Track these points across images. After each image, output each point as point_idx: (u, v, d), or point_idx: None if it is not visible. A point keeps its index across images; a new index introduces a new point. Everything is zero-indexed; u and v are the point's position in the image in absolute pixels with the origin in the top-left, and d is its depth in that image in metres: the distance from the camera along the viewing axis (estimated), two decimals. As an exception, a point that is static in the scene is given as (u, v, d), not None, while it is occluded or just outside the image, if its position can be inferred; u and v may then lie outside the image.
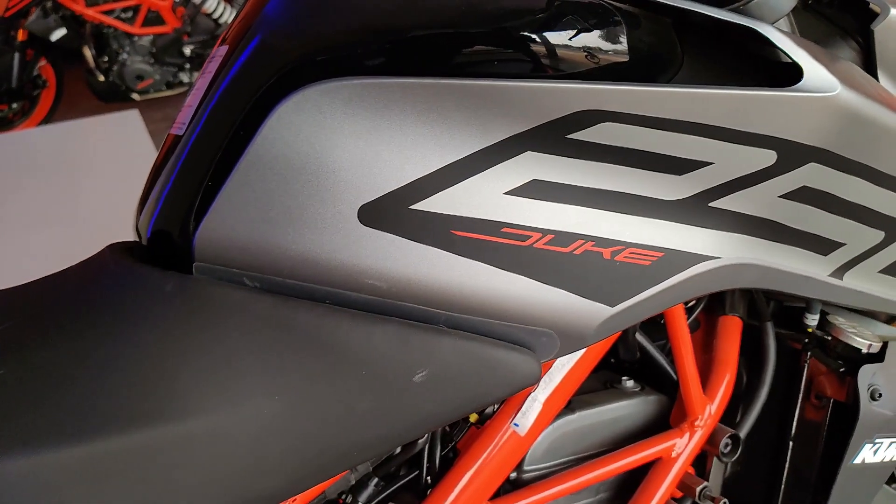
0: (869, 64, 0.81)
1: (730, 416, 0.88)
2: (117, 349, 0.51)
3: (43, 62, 4.21)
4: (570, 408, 0.79)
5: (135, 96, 4.25)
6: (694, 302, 0.89)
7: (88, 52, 4.26)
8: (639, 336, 0.87)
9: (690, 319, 0.89)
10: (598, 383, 0.87)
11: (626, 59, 0.60)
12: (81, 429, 0.47)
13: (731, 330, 0.87)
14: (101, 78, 4.26)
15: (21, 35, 3.98)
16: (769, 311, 0.91)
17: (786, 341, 0.88)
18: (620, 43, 0.61)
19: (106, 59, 4.25)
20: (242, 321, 0.54)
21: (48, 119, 4.22)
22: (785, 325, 0.90)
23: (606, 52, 0.60)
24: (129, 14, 4.20)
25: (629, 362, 0.90)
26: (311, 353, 0.55)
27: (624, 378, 0.86)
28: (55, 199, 2.41)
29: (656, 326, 0.89)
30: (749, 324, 0.90)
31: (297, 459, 0.56)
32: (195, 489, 0.51)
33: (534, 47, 0.58)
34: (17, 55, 3.98)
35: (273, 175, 0.53)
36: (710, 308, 0.90)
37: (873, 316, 0.93)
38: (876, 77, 0.80)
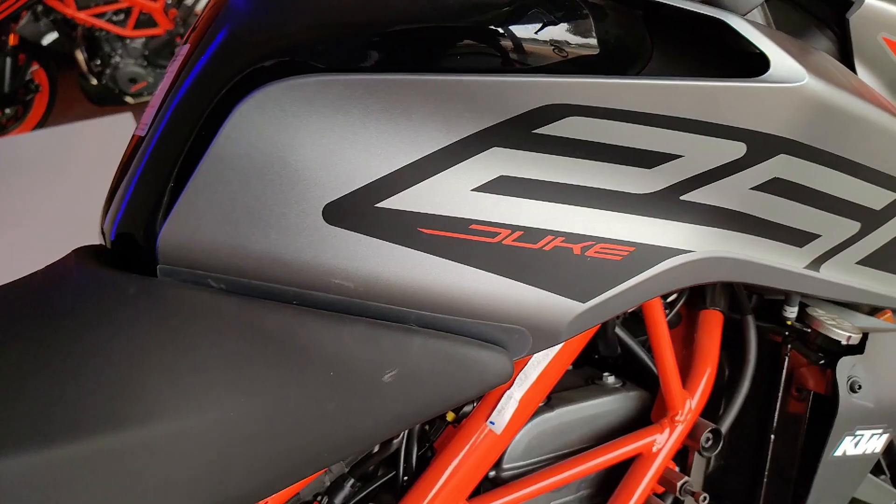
0: (846, 54, 0.80)
1: (712, 410, 0.88)
2: (78, 354, 0.50)
3: (35, 67, 4.19)
4: (549, 405, 0.78)
5: (129, 99, 4.23)
6: (674, 296, 0.88)
7: (80, 56, 4.24)
8: (619, 331, 0.86)
9: (671, 314, 0.88)
10: (580, 379, 0.87)
11: (594, 51, 0.60)
12: (40, 435, 0.46)
13: (711, 324, 0.87)
14: (94, 81, 4.24)
15: (12, 39, 3.96)
16: (750, 305, 0.91)
17: (766, 334, 0.87)
18: (588, 36, 0.60)
19: (98, 62, 4.24)
20: (207, 323, 0.54)
21: (42, 123, 4.20)
22: (766, 319, 0.89)
23: (574, 45, 0.59)
24: (121, 17, 4.18)
25: (611, 358, 0.89)
26: (278, 355, 0.55)
27: (605, 374, 0.85)
28: (50, 203, 2.40)
29: (638, 321, 0.88)
30: (730, 317, 0.89)
31: (267, 461, 0.55)
32: (161, 494, 0.51)
33: (499, 41, 0.57)
34: (8, 60, 3.96)
35: (235, 175, 0.53)
36: (691, 302, 0.90)
37: (856, 308, 0.92)
38: (853, 67, 0.80)
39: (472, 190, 0.57)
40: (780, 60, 0.58)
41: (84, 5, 4.15)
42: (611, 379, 0.85)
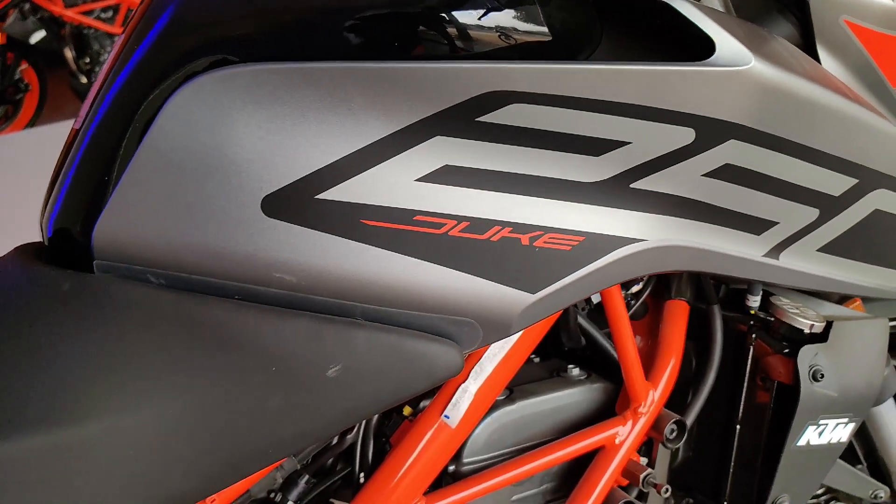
0: (808, 39, 0.79)
1: (680, 401, 0.87)
2: (8, 352, 0.49)
3: (24, 66, 4.17)
4: (509, 398, 0.77)
5: (118, 97, 4.21)
6: (640, 287, 0.87)
7: (69, 54, 4.23)
8: (585, 323, 0.85)
9: (637, 304, 0.88)
10: (545, 372, 0.86)
11: (540, 37, 0.59)
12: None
13: (676, 314, 0.86)
14: (84, 80, 4.22)
15: (0, 38, 3.95)
16: (718, 295, 0.90)
17: (732, 324, 0.87)
18: (535, 21, 0.59)
19: (87, 60, 4.22)
20: (144, 318, 0.53)
21: (33, 123, 4.18)
22: (733, 308, 0.88)
23: (520, 30, 0.58)
24: (109, 14, 4.17)
25: (579, 350, 0.88)
26: (218, 350, 0.54)
27: (570, 366, 0.85)
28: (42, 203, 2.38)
29: (603, 312, 0.87)
30: (697, 307, 0.88)
31: (208, 459, 0.54)
32: (96, 493, 0.50)
33: (440, 27, 0.56)
34: (-4, 59, 3.95)
35: (171, 168, 0.52)
36: (657, 293, 0.89)
37: (825, 296, 0.92)
38: (815, 50, 0.79)
39: (416, 180, 0.56)
40: (726, 43, 0.57)
41: (72, 3, 4.13)
42: (575, 371, 0.84)
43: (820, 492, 1.17)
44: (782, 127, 0.62)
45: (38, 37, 4.03)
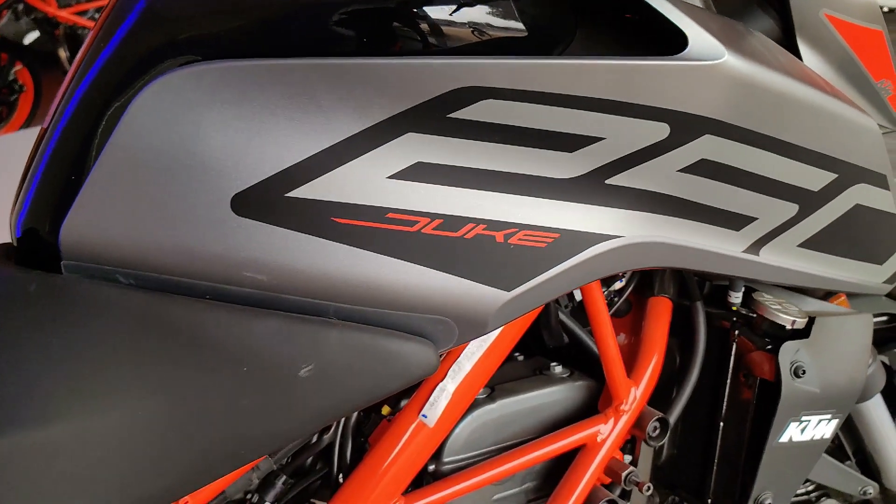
0: (789, 34, 0.78)
1: (665, 399, 0.87)
2: (-29, 354, 0.49)
3: (19, 66, 4.16)
4: (490, 396, 0.77)
5: (113, 97, 4.20)
6: (623, 284, 0.87)
7: (63, 55, 4.21)
8: (567, 320, 0.85)
9: (620, 301, 0.87)
10: (528, 370, 0.85)
11: (514, 33, 0.58)
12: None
13: (659, 311, 0.85)
14: (78, 80, 4.20)
15: (-7, 40, 3.94)
16: (702, 292, 0.89)
17: (715, 321, 0.86)
18: (508, 16, 0.59)
19: (81, 60, 4.20)
20: (113, 319, 0.52)
21: (28, 124, 4.17)
22: (717, 305, 0.88)
23: (492, 26, 0.58)
24: (103, 14, 4.15)
25: (564, 347, 0.88)
26: (188, 350, 0.53)
27: (553, 364, 0.84)
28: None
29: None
30: (680, 304, 0.88)
31: (178, 461, 0.54)
32: (63, 497, 0.49)
33: (411, 23, 0.55)
34: (-10, 61, 3.94)
35: (138, 166, 0.51)
36: (640, 290, 0.88)
37: (809, 292, 0.91)
38: (795, 46, 0.78)
39: (388, 177, 0.55)
40: (698, 38, 0.56)
41: (65, 3, 4.11)
42: (558, 369, 0.84)
43: (810, 488, 1.17)
44: (758, 121, 0.62)
45: (32, 37, 4.02)
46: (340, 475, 0.71)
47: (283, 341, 0.55)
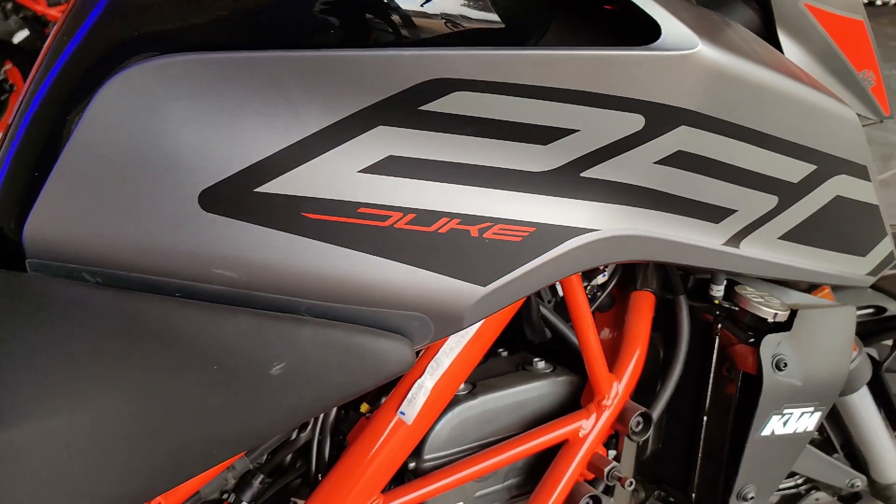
0: (770, 26, 0.78)
1: (650, 393, 0.86)
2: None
3: (8, 66, 4.12)
4: (472, 393, 0.76)
5: (102, 96, 4.17)
6: (605, 278, 0.86)
7: (52, 54, 4.17)
8: (550, 315, 0.84)
9: (603, 296, 0.86)
10: (511, 366, 0.85)
11: (488, 24, 0.58)
12: None
13: (642, 305, 0.84)
14: (67, 79, 4.17)
15: (-19, 39, 3.91)
16: (687, 286, 0.89)
17: (699, 314, 0.85)
18: (481, 7, 0.58)
19: (70, 59, 4.17)
20: (78, 318, 0.51)
21: (16, 124, 4.13)
22: (701, 299, 0.87)
23: (466, 17, 0.57)
24: (92, 12, 4.12)
25: (548, 342, 0.87)
26: (157, 349, 0.52)
27: (535, 359, 0.83)
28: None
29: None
30: (663, 298, 0.87)
31: (147, 461, 0.53)
32: (28, 499, 0.49)
33: (380, 14, 0.55)
34: (-21, 60, 3.91)
35: (103, 161, 0.50)
36: (623, 284, 0.88)
37: (793, 285, 0.91)
38: (776, 37, 0.78)
39: (360, 171, 0.54)
40: (672, 28, 0.56)
41: (55, 2, 4.07)
42: (541, 364, 0.83)
43: (799, 481, 1.17)
44: (734, 112, 0.61)
45: (21, 36, 3.98)
46: (319, 474, 0.70)
47: (255, 339, 0.54)
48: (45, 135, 0.52)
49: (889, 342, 1.13)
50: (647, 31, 0.57)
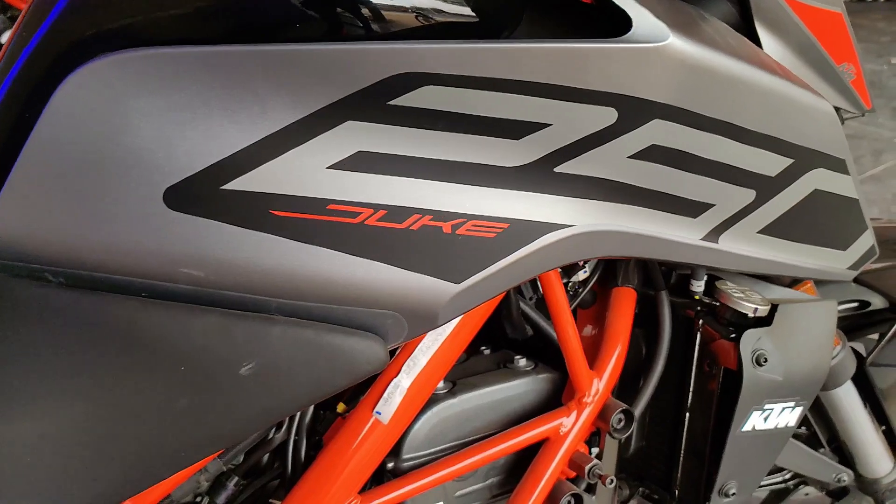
0: (747, 18, 0.77)
1: (634, 390, 0.85)
2: None
3: (-6, 66, 4.10)
4: (451, 391, 0.75)
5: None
6: (587, 275, 0.85)
7: (40, 54, 4.15)
8: (531, 312, 0.83)
9: (585, 292, 0.86)
10: (492, 363, 0.84)
11: (459, 17, 0.57)
12: None
13: (623, 301, 0.84)
14: (55, 79, 4.14)
15: (-33, 39, 3.87)
16: (669, 281, 0.88)
17: (680, 310, 0.85)
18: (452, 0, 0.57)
19: (58, 59, 4.14)
20: (40, 319, 0.50)
21: (3, 125, 4.10)
22: (683, 294, 0.87)
23: (436, 10, 0.56)
24: (78, 12, 4.09)
25: (531, 340, 0.86)
26: (122, 350, 0.51)
27: (517, 357, 0.83)
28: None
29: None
30: (645, 294, 0.86)
31: (114, 465, 0.52)
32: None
33: (348, 6, 0.54)
34: (-38, 60, 3.87)
35: (64, 159, 0.49)
36: (604, 280, 0.87)
37: (777, 280, 0.90)
38: (754, 30, 0.77)
39: (328, 168, 0.53)
40: (643, 19, 0.55)
41: (41, 3, 4.06)
42: (522, 362, 0.82)
43: (787, 476, 1.17)
44: (708, 105, 0.61)
45: (7, 35, 3.96)
46: (296, 475, 0.69)
47: (223, 339, 0.53)
48: (5, 133, 0.51)
49: (874, 336, 1.13)
50: (619, 24, 0.57)
